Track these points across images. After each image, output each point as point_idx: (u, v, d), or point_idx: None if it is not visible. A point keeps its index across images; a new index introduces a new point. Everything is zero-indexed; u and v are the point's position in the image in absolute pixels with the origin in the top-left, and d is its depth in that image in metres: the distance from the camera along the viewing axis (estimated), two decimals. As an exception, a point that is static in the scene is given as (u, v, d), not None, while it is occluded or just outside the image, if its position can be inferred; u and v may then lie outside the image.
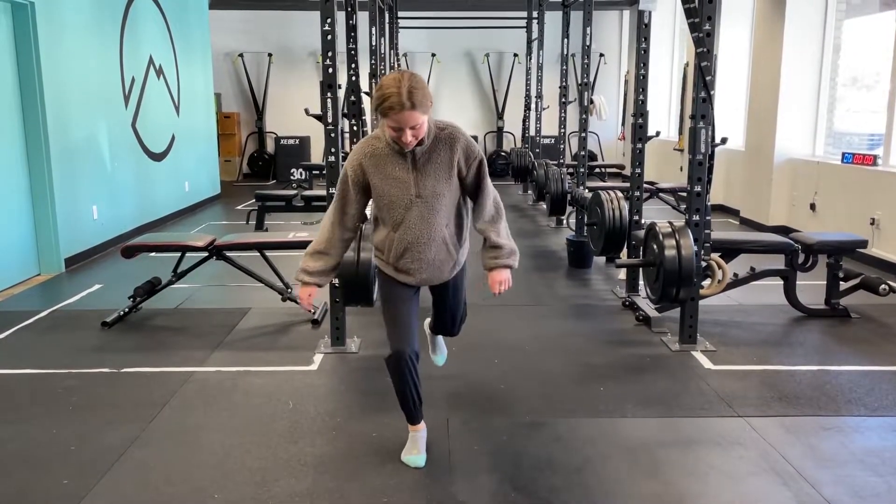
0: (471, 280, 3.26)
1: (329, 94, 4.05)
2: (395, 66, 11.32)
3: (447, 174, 2.66)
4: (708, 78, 4.01)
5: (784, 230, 7.33)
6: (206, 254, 4.90)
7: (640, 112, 5.21)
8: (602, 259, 6.49)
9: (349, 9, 4.89)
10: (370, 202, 2.81)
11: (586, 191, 6.92)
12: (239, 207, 10.13)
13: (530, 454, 2.98)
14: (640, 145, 5.26)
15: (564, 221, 8.50)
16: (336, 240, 2.81)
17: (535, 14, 11.09)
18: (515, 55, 13.80)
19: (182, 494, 2.70)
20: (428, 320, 3.31)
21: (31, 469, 2.89)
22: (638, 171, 5.33)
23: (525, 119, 12.00)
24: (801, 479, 2.79)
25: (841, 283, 4.89)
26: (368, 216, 2.94)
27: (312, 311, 3.09)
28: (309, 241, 4.89)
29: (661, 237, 4.21)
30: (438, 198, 2.66)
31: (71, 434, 3.18)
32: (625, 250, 5.57)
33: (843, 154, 6.91)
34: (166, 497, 2.68)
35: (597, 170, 11.23)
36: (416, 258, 2.71)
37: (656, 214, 8.17)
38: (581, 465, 2.90)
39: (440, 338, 3.47)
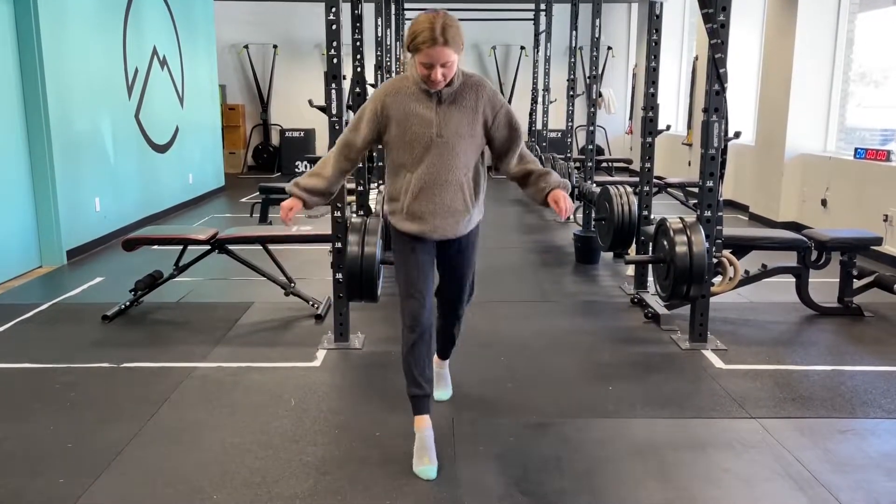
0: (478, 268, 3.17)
1: (334, 86, 3.97)
2: (402, 57, 11.22)
3: (470, 118, 2.68)
4: (721, 70, 3.92)
5: (795, 226, 7.24)
6: (208, 247, 4.83)
7: (651, 105, 5.12)
8: (610, 255, 6.40)
9: (355, -1, 4.80)
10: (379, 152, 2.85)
11: (594, 185, 6.84)
12: (243, 200, 10.07)
13: (538, 456, 2.91)
14: (650, 139, 5.17)
15: (571, 216, 8.41)
16: (333, 165, 2.84)
17: (542, 6, 10.98)
18: (522, 48, 13.70)
19: (180, 494, 2.63)
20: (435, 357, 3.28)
21: (27, 467, 2.82)
22: (648, 165, 5.23)
23: (532, 112, 11.91)
24: (818, 484, 2.71)
25: (854, 280, 4.80)
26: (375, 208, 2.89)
27: (289, 225, 3.08)
28: (312, 235, 4.90)
29: (672, 233, 4.13)
30: (459, 140, 2.66)
31: (68, 431, 3.12)
32: (633, 246, 5.48)
33: (856, 149, 6.80)
34: (164, 497, 2.62)
35: (604, 164, 11.14)
36: (432, 199, 2.70)
37: (664, 210, 8.07)
38: (590, 468, 2.82)
39: (447, 372, 3.43)
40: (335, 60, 3.94)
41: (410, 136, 2.66)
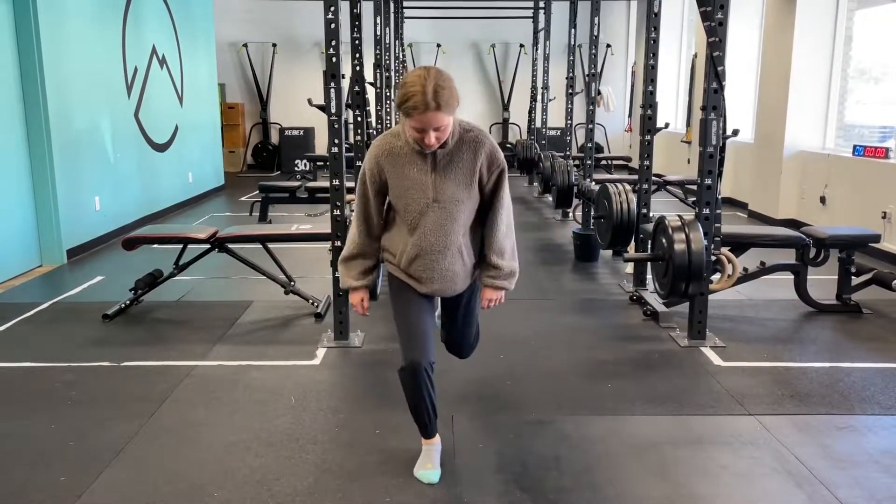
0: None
1: (333, 85, 3.97)
2: (401, 56, 11.22)
3: (468, 180, 2.52)
4: (720, 68, 3.92)
5: (793, 224, 7.25)
6: (208, 246, 4.84)
7: (650, 103, 5.13)
8: (609, 252, 6.42)
9: (353, -3, 4.82)
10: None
11: (593, 183, 6.84)
12: (243, 199, 10.07)
13: (537, 453, 2.92)
14: (648, 137, 5.18)
15: (571, 214, 8.42)
16: (365, 242, 2.67)
17: (541, 4, 10.98)
18: (521, 46, 13.70)
19: (181, 492, 2.64)
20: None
21: (29, 465, 2.84)
22: (646, 163, 5.24)
23: (531, 110, 11.90)
24: (815, 481, 2.72)
25: (853, 278, 4.81)
26: None
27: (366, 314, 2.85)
28: (312, 234, 4.91)
29: (670, 231, 4.14)
30: (457, 204, 2.51)
31: (69, 429, 3.13)
32: (632, 244, 5.49)
33: (855, 146, 6.80)
34: (165, 495, 2.63)
35: (603, 162, 11.14)
36: (429, 266, 2.56)
37: (664, 207, 8.09)
38: (589, 465, 2.83)
39: None
40: (334, 59, 3.95)
41: (406, 200, 2.52)
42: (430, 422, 2.74)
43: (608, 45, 13.87)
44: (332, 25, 3.90)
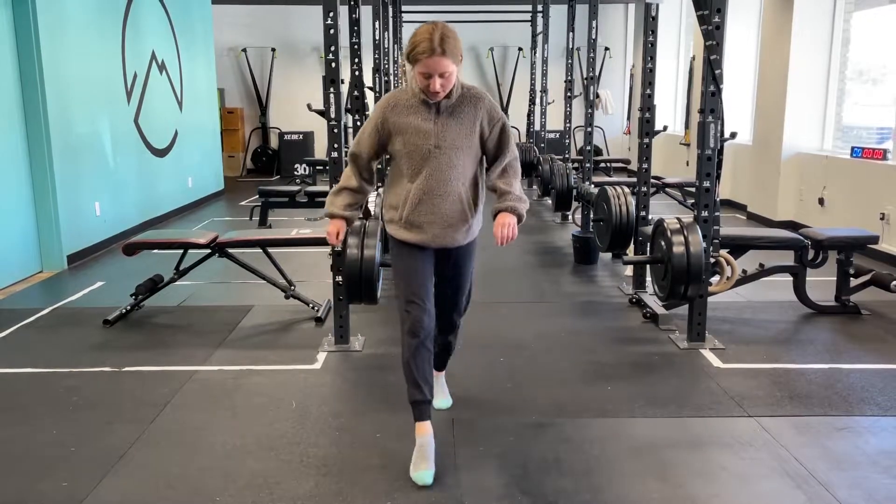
0: (477, 276, 3.19)
1: (332, 89, 3.99)
2: (400, 60, 11.24)
3: (468, 130, 2.71)
4: (717, 71, 3.94)
5: (792, 225, 7.26)
6: (208, 251, 4.85)
7: (647, 106, 5.14)
8: (608, 255, 6.43)
9: (352, 3, 4.82)
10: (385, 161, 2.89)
11: (592, 186, 6.86)
12: (243, 203, 10.08)
13: (537, 456, 2.93)
14: (647, 140, 5.19)
15: (570, 217, 8.44)
16: (354, 176, 2.88)
17: (539, 8, 11.01)
18: (520, 49, 13.72)
19: (183, 497, 2.65)
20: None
21: (31, 470, 2.85)
22: (645, 166, 5.26)
23: (530, 114, 11.92)
24: (815, 482, 2.73)
25: (851, 279, 4.82)
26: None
27: (339, 247, 3.06)
28: (312, 238, 4.92)
29: (669, 234, 4.15)
30: (457, 151, 2.70)
31: (71, 434, 3.14)
32: (631, 246, 5.50)
33: (853, 148, 6.82)
34: (167, 499, 2.64)
35: (602, 165, 11.16)
36: (430, 210, 2.73)
37: (663, 210, 8.10)
38: (589, 467, 2.84)
39: (443, 381, 3.38)
40: (333, 64, 3.97)
41: (409, 147, 2.70)
42: (425, 394, 2.78)
43: (606, 49, 13.90)
44: (331, 30, 3.92)
